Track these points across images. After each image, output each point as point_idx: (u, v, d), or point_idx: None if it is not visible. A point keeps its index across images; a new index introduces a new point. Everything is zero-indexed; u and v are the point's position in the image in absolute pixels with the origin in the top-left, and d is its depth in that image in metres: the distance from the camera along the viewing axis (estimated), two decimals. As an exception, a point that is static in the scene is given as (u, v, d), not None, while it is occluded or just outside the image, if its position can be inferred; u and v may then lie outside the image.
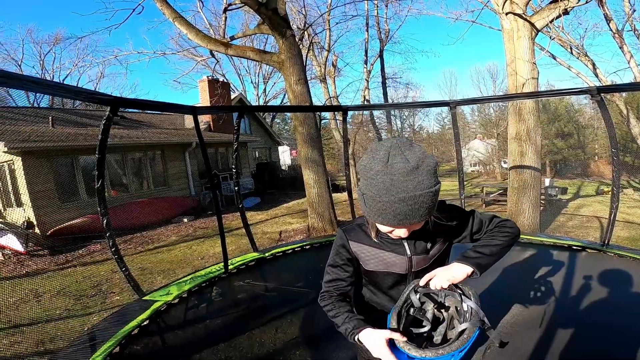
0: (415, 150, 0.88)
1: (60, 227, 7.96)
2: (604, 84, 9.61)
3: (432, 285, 0.96)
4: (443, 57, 51.79)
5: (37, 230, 8.02)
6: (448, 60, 59.40)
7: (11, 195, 8.83)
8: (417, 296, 0.97)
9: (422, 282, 0.98)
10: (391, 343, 0.84)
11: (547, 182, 12.02)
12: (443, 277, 0.95)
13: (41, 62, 24.58)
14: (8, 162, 8.57)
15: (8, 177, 8.81)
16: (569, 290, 2.64)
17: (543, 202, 9.50)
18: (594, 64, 12.49)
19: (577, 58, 12.60)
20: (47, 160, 8.57)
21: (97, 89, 23.98)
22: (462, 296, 0.93)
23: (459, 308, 0.94)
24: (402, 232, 0.97)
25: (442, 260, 1.15)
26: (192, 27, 7.24)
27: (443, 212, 1.10)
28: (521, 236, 3.89)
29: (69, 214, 8.42)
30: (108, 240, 2.74)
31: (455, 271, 0.97)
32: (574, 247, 3.42)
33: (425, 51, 49.84)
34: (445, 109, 3.88)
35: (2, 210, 8.98)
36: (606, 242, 3.28)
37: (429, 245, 1.09)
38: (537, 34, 5.93)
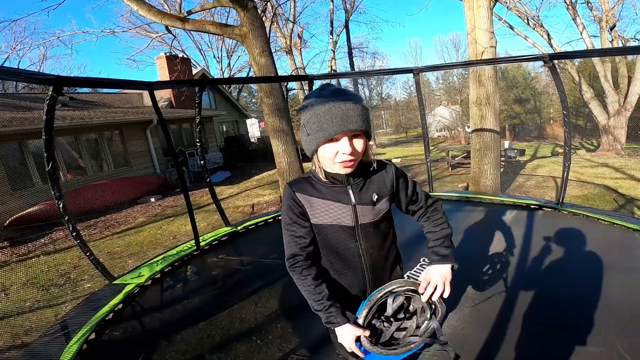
0: (358, 89, 0.99)
1: (17, 217, 7.48)
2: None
3: (436, 295, 1.04)
4: (408, 27, 51.64)
5: (-10, 221, 7.50)
6: (413, 31, 59.34)
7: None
8: (393, 302, 1.05)
9: (425, 296, 1.04)
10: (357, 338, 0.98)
11: (506, 144, 12.60)
12: (443, 283, 1.05)
13: None
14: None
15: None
16: (527, 248, 2.80)
17: (503, 163, 10.01)
18: (548, 35, 13.02)
19: (533, 29, 13.09)
20: (-9, 146, 7.89)
21: (40, 71, 21.96)
22: (432, 315, 1.03)
23: (421, 323, 1.04)
24: (345, 146, 0.95)
25: (387, 220, 1.16)
26: (143, 3, 6.72)
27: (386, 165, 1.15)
28: (484, 197, 4.13)
29: (23, 201, 7.91)
30: (67, 224, 2.61)
31: (445, 272, 1.07)
32: (532, 206, 3.64)
33: (390, 21, 49.37)
34: (412, 77, 3.89)
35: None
36: (561, 201, 3.50)
37: (374, 196, 1.08)
38: (495, 4, 6.11)
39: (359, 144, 0.98)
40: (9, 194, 8.03)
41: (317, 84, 4.10)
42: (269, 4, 12.05)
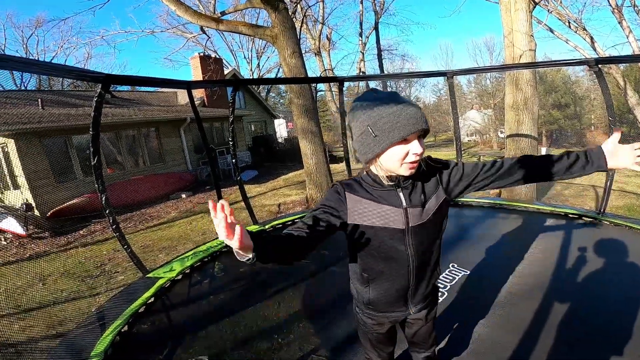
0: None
1: (59, 208, 7.96)
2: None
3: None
4: (439, 30, 50.62)
5: (36, 212, 8.02)
6: (444, 33, 58.11)
7: (7, 177, 8.76)
8: None
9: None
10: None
11: (543, 150, 12.05)
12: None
13: (24, 45, 23.72)
14: (1, 145, 8.45)
15: (2, 160, 8.71)
16: (565, 258, 2.68)
17: (539, 170, 9.52)
18: (592, 38, 12.41)
19: (575, 32, 12.52)
20: (39, 141, 8.45)
21: (87, 69, 23.30)
22: None
23: None
24: (418, 147, 0.95)
25: (438, 219, 1.12)
26: (180, 3, 6.99)
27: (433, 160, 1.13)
28: (518, 204, 3.97)
29: (66, 194, 8.42)
30: (108, 217, 2.74)
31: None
32: (570, 215, 3.46)
33: (421, 23, 48.37)
34: (442, 80, 3.80)
35: (0, 194, 8.94)
36: (602, 211, 3.32)
37: (422, 197, 1.07)
38: (534, 7, 5.90)
39: (423, 145, 0.99)
40: (52, 186, 8.56)
41: (346, 85, 4.10)
42: (298, 5, 12.21)
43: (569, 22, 12.15)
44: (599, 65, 2.93)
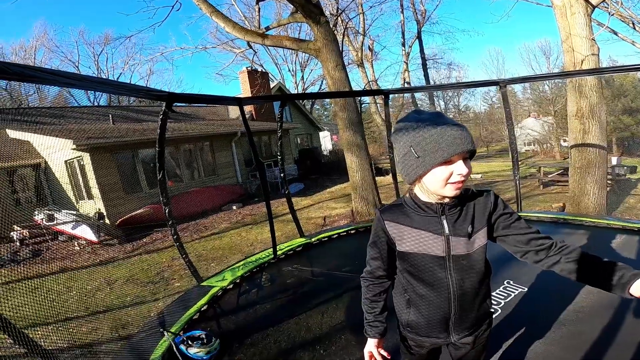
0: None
1: (126, 217, 8.71)
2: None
3: None
4: (487, 36, 48.21)
5: (107, 220, 8.85)
6: (493, 39, 55.01)
7: (82, 188, 9.79)
8: None
9: None
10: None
11: (614, 160, 10.90)
12: None
13: (96, 62, 26.67)
14: (77, 158, 9.48)
15: (79, 172, 9.77)
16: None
17: (610, 182, 8.66)
18: None
19: None
20: (111, 155, 9.38)
21: (147, 85, 25.59)
22: None
23: None
24: (462, 168, 0.94)
25: (482, 255, 1.07)
26: (228, 20, 7.41)
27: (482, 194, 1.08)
28: (586, 219, 3.63)
29: (132, 205, 9.20)
30: (170, 228, 2.95)
31: None
32: (646, 232, 3.10)
33: (467, 30, 46.60)
34: (493, 88, 3.63)
35: (76, 203, 10.01)
36: (684, 226, 2.94)
37: (469, 228, 1.03)
38: (593, 10, 5.46)
39: (469, 165, 0.97)
40: (122, 198, 9.41)
41: (391, 97, 4.06)
42: (339, 18, 12.42)
43: (633, 24, 11.14)
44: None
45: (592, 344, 1.79)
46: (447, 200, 1.01)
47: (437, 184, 0.97)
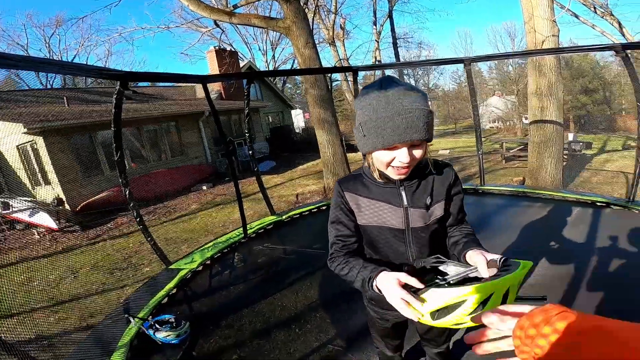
0: (404, 80, 0.92)
1: (87, 202, 8.30)
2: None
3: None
4: (457, 17, 48.42)
5: (67, 206, 8.39)
6: (462, 20, 55.78)
7: (38, 174, 9.19)
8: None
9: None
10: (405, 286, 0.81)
11: (570, 136, 11.55)
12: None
13: (47, 44, 24.57)
14: (30, 142, 8.84)
15: (32, 157, 9.13)
16: (592, 248, 2.59)
17: (566, 157, 9.20)
18: (619, 23, 11.84)
19: (602, 17, 11.95)
20: (67, 138, 8.81)
21: (107, 67, 23.99)
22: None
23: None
24: (404, 156, 0.89)
25: (441, 225, 1.07)
26: None
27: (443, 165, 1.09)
28: (543, 192, 3.84)
29: (93, 188, 8.77)
30: (132, 210, 2.84)
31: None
32: (598, 204, 3.33)
33: (437, 10, 46.27)
34: (461, 67, 3.69)
35: (32, 189, 9.39)
36: (632, 199, 3.18)
37: (428, 199, 1.02)
38: None
39: (418, 152, 0.92)
40: (81, 181, 8.93)
41: (362, 75, 4.02)
42: (310, -5, 12.05)
43: (594, 8, 11.64)
44: (627, 51, 2.82)
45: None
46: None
47: (381, 166, 0.96)
